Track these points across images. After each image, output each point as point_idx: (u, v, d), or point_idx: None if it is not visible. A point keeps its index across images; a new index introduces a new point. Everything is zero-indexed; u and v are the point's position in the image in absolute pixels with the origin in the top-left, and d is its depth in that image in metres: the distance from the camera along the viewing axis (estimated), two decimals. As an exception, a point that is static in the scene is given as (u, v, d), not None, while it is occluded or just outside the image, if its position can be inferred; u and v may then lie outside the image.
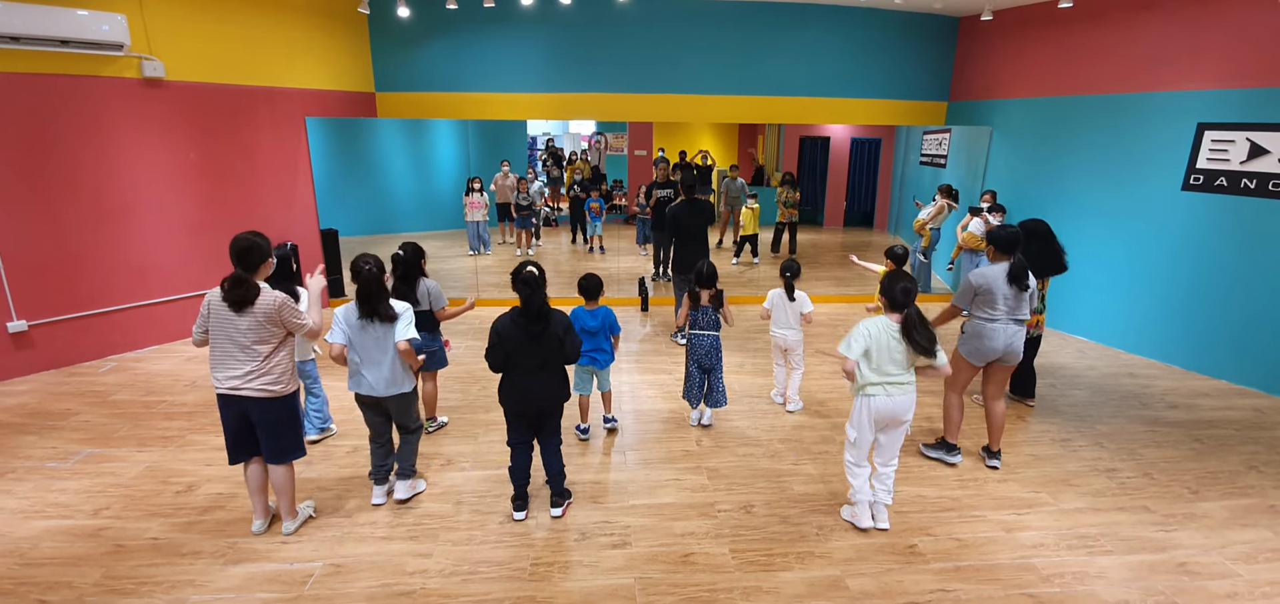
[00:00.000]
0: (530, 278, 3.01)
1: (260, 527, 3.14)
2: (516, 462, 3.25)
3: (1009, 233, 3.71)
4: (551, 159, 11.05)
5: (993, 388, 3.88)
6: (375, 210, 8.49)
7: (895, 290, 3.02)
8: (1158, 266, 5.75)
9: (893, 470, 3.23)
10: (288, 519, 3.16)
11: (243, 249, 2.81)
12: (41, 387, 4.88)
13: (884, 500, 3.24)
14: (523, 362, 3.05)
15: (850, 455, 3.24)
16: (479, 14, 7.15)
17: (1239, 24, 5.07)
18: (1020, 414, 4.63)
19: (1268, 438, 4.35)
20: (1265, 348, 5.08)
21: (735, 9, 7.54)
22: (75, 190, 5.08)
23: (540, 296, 3.02)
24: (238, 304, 2.76)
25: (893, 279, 3.04)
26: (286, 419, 2.98)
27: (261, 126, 6.24)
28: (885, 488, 3.23)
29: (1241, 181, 5.12)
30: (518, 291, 3.04)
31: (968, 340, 3.79)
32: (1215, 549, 3.16)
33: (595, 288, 3.85)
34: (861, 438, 3.16)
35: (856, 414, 3.16)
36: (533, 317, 3.00)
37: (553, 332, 3.06)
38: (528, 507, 3.33)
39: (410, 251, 3.71)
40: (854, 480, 3.25)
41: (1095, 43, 6.16)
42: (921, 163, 8.71)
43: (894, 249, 4.66)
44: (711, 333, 4.13)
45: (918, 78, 8.11)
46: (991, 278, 3.63)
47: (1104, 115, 6.11)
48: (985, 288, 3.64)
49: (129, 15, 5.09)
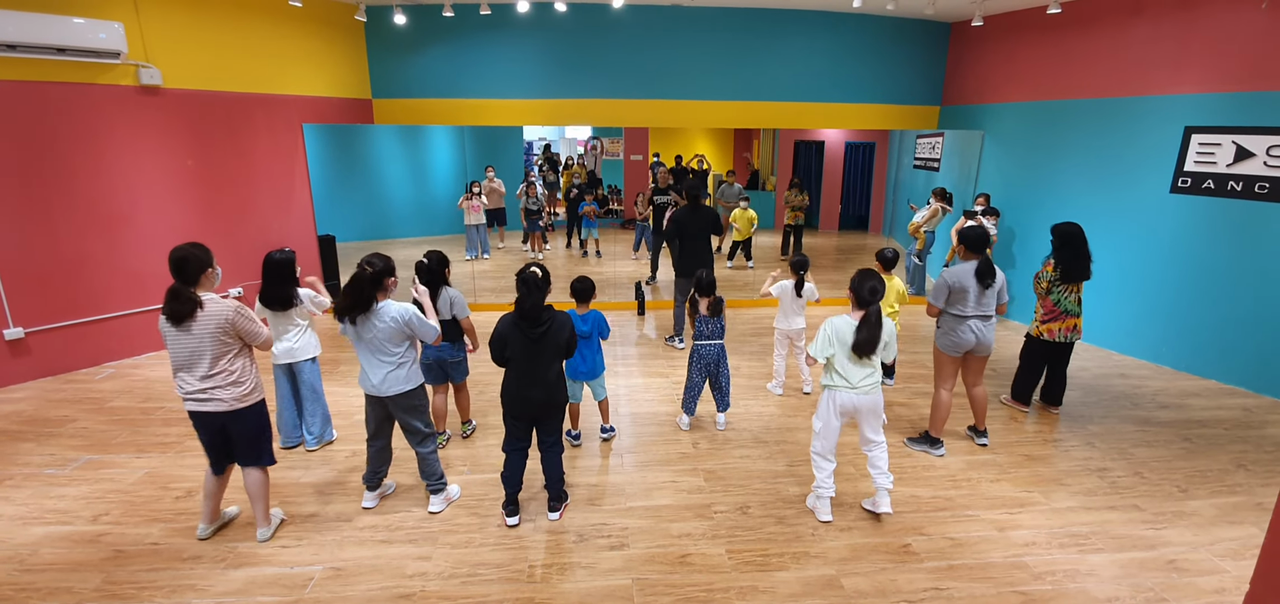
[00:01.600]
0: (531, 278, 3.01)
1: (205, 531, 3.15)
2: (510, 467, 3.24)
3: (977, 232, 3.93)
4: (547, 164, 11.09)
5: (971, 376, 4.09)
6: (372, 216, 8.50)
7: (863, 289, 3.11)
8: (1147, 268, 5.83)
9: (883, 453, 3.28)
10: (262, 525, 3.14)
11: (178, 260, 2.73)
12: (38, 393, 4.88)
13: (884, 486, 3.29)
14: (521, 362, 3.07)
15: (816, 446, 3.33)
16: (475, 21, 7.20)
17: (1224, 29, 5.16)
18: (1040, 423, 4.64)
19: (1256, 436, 4.42)
20: (1253, 348, 5.15)
21: (729, 15, 7.61)
22: (72, 197, 5.09)
23: (537, 298, 3.00)
24: (175, 318, 2.71)
25: (861, 277, 3.12)
26: (253, 430, 2.98)
27: (258, 133, 6.26)
28: (881, 471, 3.28)
29: (1228, 184, 5.20)
30: (519, 290, 3.03)
31: (943, 335, 4.00)
32: (1204, 546, 3.21)
33: (587, 291, 3.85)
34: (826, 428, 3.26)
35: (822, 406, 3.28)
36: (529, 318, 3.01)
37: (553, 334, 3.07)
38: (520, 514, 3.33)
39: (435, 260, 3.69)
40: (818, 472, 3.33)
41: (1085, 47, 6.25)
42: (915, 166, 8.78)
43: (884, 252, 4.83)
44: (716, 342, 4.18)
45: (911, 82, 8.19)
46: (962, 275, 3.83)
47: (1094, 119, 6.19)
48: (958, 285, 3.84)
49: (126, 23, 5.12)
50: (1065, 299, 4.33)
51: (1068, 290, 4.31)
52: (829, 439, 3.27)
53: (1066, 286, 4.32)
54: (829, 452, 3.30)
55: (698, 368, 4.22)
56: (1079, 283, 4.32)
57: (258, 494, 3.09)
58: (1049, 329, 4.38)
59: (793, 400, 4.88)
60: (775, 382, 5.01)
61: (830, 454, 3.31)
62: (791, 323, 4.81)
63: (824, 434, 3.27)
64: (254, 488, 3.08)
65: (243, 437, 2.96)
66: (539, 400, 3.13)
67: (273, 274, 3.64)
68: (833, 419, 3.23)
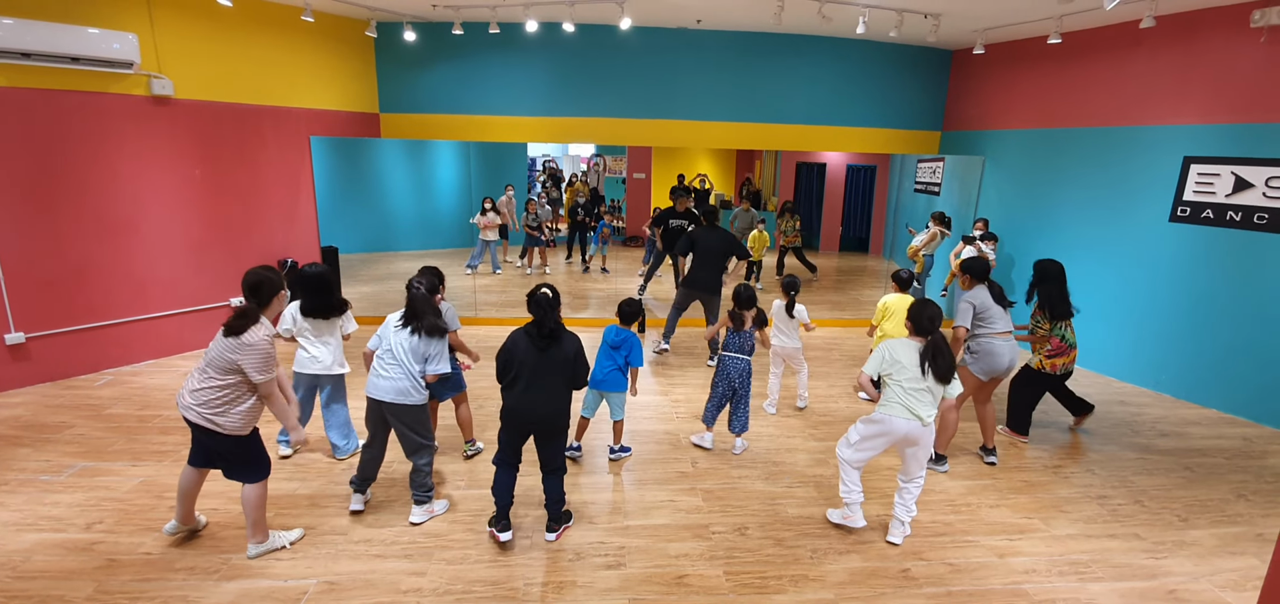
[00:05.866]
0: (543, 299, 3.08)
1: (173, 528, 3.14)
2: (499, 481, 3.22)
3: (979, 264, 4.16)
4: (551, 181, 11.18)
5: (982, 394, 4.24)
6: (376, 229, 8.56)
7: (923, 318, 3.15)
8: (1147, 296, 5.84)
9: (917, 489, 3.28)
10: (253, 541, 3.09)
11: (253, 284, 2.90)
12: (37, 399, 4.88)
13: (904, 519, 3.31)
14: (528, 376, 3.08)
15: (846, 453, 3.29)
16: (484, 39, 7.30)
17: (1224, 61, 5.23)
18: (1051, 450, 4.63)
19: (1256, 466, 4.40)
20: (1253, 377, 5.15)
21: (734, 38, 7.72)
22: (79, 204, 5.13)
23: (552, 317, 3.09)
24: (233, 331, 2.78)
25: (921, 307, 3.19)
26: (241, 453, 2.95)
27: (267, 145, 6.32)
28: (905, 506, 3.30)
29: (1227, 214, 5.23)
30: (531, 312, 3.12)
31: (978, 359, 4.10)
32: (1204, 576, 3.18)
33: (633, 314, 3.97)
34: (865, 443, 3.23)
35: (871, 425, 3.21)
36: (545, 334, 3.07)
37: (563, 352, 3.11)
38: (511, 529, 3.26)
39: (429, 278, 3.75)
40: (846, 482, 3.33)
41: (1085, 77, 6.32)
42: (916, 190, 8.85)
43: (899, 273, 5.05)
44: (745, 357, 4.15)
45: (912, 108, 8.28)
46: (985, 298, 3.99)
47: (1093, 147, 6.25)
48: (984, 306, 4.00)
49: (140, 34, 5.20)
50: (1067, 332, 4.34)
51: (1065, 324, 4.33)
52: (865, 454, 3.25)
53: (1062, 322, 4.33)
54: (859, 464, 3.30)
55: (724, 380, 4.18)
56: (1067, 319, 4.35)
57: (249, 506, 3.04)
58: (1053, 364, 4.38)
59: (791, 420, 4.87)
60: (769, 401, 5.00)
61: (861, 465, 3.31)
62: (784, 342, 4.83)
63: (861, 448, 3.24)
64: (245, 498, 3.03)
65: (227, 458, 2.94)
66: (541, 415, 3.12)
67: (309, 286, 3.69)
68: (879, 442, 3.20)
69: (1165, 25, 5.45)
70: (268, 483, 3.07)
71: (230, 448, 2.91)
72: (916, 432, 3.10)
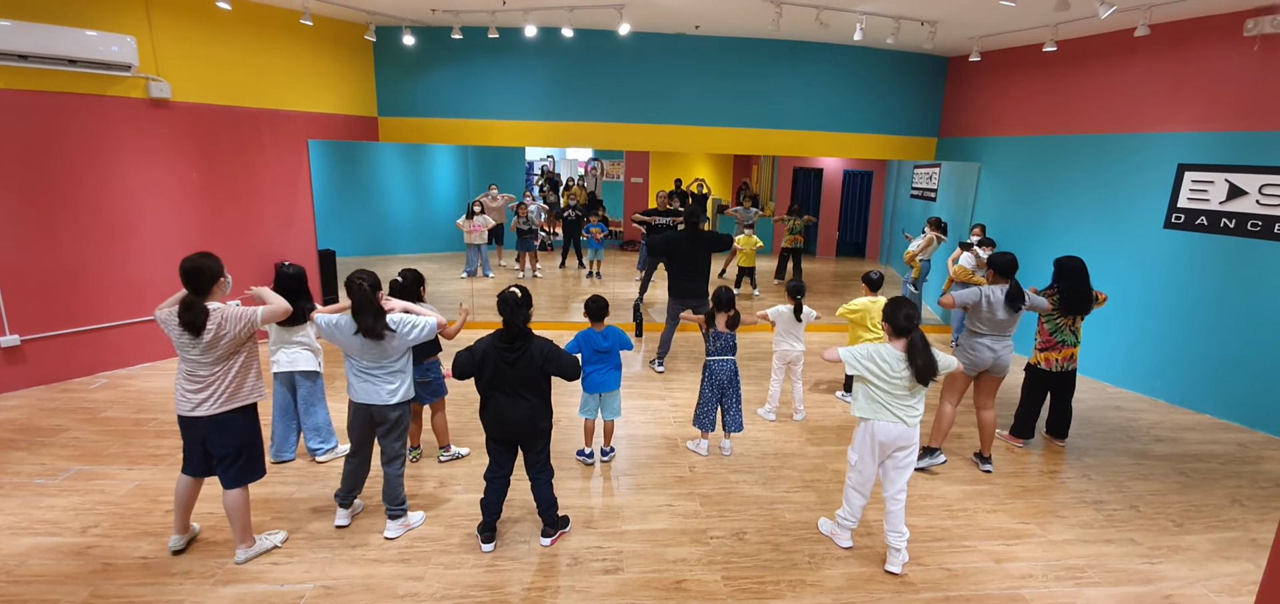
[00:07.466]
0: (510, 298, 3.01)
1: (177, 543, 3.11)
2: (489, 494, 3.19)
3: (1006, 258, 4.12)
4: (547, 184, 11.18)
5: (983, 396, 4.24)
6: (373, 232, 8.54)
7: (898, 317, 3.03)
8: (1142, 302, 5.87)
9: (902, 505, 3.12)
10: (241, 547, 3.07)
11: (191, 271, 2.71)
12: (31, 402, 4.85)
13: (897, 545, 3.13)
14: (501, 384, 3.03)
15: (852, 479, 3.26)
16: (483, 44, 7.31)
17: (1217, 70, 5.27)
18: (1038, 455, 4.62)
19: (1250, 472, 4.42)
20: (1247, 383, 5.18)
21: (732, 44, 7.75)
22: (76, 206, 5.12)
23: (519, 318, 3.00)
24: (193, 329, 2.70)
25: (895, 306, 3.06)
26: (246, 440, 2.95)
27: (264, 148, 6.32)
28: (896, 532, 3.12)
29: (1221, 221, 5.27)
30: (500, 312, 3.04)
31: (962, 352, 4.15)
32: (1200, 581, 3.20)
33: (601, 309, 3.93)
34: (862, 463, 3.16)
35: (858, 438, 3.17)
36: (510, 337, 3.00)
37: (531, 355, 3.02)
38: (495, 541, 3.25)
39: (409, 278, 3.72)
40: (848, 505, 3.29)
41: (1080, 84, 6.37)
42: (912, 196, 8.88)
43: (870, 275, 5.00)
44: (729, 357, 4.16)
45: (909, 114, 8.32)
46: (995, 296, 4.00)
47: (1088, 154, 6.29)
48: (993, 307, 4.01)
49: (138, 37, 5.19)
50: (1063, 329, 4.36)
51: (1066, 321, 4.35)
52: (866, 473, 3.17)
53: (1065, 318, 4.35)
54: (865, 487, 3.21)
55: (711, 384, 4.18)
56: (1077, 315, 4.36)
57: (233, 512, 3.01)
58: (1047, 358, 4.42)
59: (788, 426, 4.87)
60: (768, 406, 4.99)
61: (865, 490, 3.22)
62: (790, 347, 4.83)
63: (860, 468, 3.17)
64: (229, 505, 3.00)
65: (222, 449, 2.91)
66: (516, 423, 3.06)
67: (285, 287, 3.67)
68: (869, 457, 3.12)
69: (1159, 34, 5.50)
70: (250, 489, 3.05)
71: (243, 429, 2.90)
72: (901, 434, 3.04)
